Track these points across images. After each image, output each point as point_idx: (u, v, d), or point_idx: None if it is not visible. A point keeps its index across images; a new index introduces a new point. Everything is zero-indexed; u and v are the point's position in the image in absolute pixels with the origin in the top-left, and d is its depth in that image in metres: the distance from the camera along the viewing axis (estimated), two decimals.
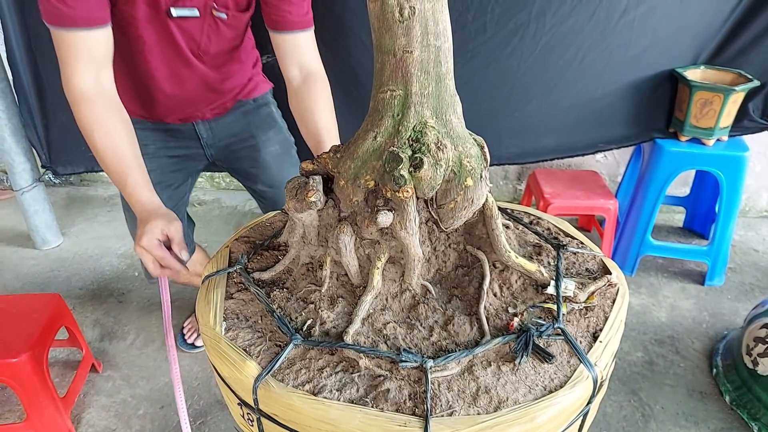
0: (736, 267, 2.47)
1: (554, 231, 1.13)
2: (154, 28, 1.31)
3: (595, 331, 0.89)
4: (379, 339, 0.86)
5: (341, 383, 0.78)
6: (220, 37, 1.38)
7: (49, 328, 1.66)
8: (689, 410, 1.77)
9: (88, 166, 2.39)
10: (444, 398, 0.76)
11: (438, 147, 0.81)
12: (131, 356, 1.96)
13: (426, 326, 0.88)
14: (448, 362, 0.80)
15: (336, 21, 1.92)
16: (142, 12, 1.27)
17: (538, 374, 0.80)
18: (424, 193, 0.84)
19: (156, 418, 1.74)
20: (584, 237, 1.14)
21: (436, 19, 0.77)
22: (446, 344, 0.85)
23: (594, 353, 0.84)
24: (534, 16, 1.89)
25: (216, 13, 1.32)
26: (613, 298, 0.96)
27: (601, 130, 2.20)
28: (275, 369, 0.80)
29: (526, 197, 2.60)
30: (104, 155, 1.20)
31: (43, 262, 2.47)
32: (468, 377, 0.79)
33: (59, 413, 1.63)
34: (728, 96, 1.97)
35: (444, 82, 0.82)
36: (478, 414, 0.74)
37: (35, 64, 2.14)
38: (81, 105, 1.20)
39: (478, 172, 0.85)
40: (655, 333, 2.08)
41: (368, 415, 0.74)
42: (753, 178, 2.73)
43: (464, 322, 0.88)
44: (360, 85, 1.99)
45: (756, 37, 2.02)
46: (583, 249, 1.06)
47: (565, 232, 1.13)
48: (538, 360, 0.82)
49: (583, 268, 1.03)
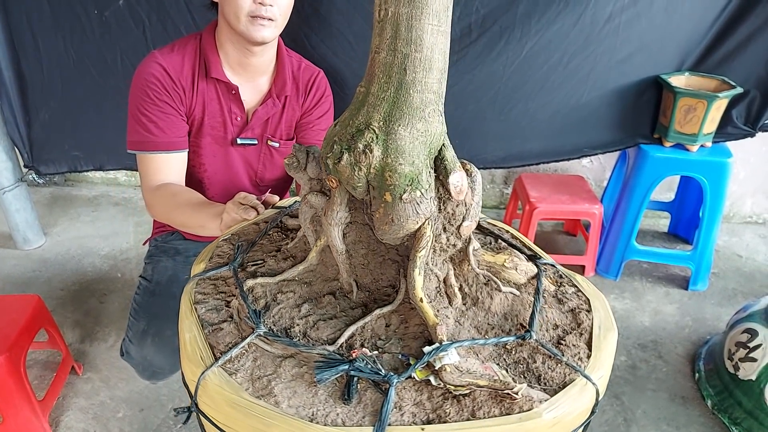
0: (720, 272, 2.48)
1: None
2: (217, 157, 1.53)
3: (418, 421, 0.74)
4: (286, 321, 0.89)
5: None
6: (273, 164, 1.60)
7: (28, 330, 1.64)
8: (671, 415, 1.78)
9: (71, 165, 2.36)
10: None
11: (364, 150, 0.79)
12: (111, 358, 1.93)
13: (315, 323, 0.88)
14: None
15: (322, 22, 1.91)
16: (207, 141, 1.50)
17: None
18: (349, 190, 0.85)
19: (135, 420, 1.72)
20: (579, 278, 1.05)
21: (409, 26, 0.75)
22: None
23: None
24: (519, 19, 1.89)
25: (270, 142, 1.56)
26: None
27: (586, 135, 2.21)
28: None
29: (513, 201, 2.61)
30: (178, 216, 1.36)
31: (24, 263, 2.44)
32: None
33: (36, 416, 1.61)
34: (712, 102, 1.98)
35: (407, 92, 0.78)
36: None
37: (17, 62, 2.11)
38: (154, 197, 1.42)
39: (399, 191, 0.80)
40: (638, 337, 2.09)
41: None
42: (737, 185, 2.75)
43: (332, 334, 0.85)
44: (346, 86, 1.99)
45: (740, 45, 2.04)
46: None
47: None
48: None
49: (541, 365, 0.85)
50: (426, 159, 0.82)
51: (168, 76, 1.39)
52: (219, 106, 1.47)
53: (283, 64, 1.50)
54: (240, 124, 1.51)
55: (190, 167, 1.53)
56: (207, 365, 0.80)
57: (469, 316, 0.90)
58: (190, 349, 0.84)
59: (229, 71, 1.45)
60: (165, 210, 1.39)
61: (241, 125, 1.51)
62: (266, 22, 1.31)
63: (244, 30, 1.32)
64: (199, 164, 1.54)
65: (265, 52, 1.44)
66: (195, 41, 1.44)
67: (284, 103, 1.54)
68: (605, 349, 0.87)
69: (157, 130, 1.39)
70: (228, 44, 1.41)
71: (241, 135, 1.52)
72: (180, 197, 1.37)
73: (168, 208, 1.38)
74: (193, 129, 1.49)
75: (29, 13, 2.00)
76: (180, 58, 1.41)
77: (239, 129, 1.52)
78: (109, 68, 2.07)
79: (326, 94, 1.60)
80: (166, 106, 1.40)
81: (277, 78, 1.50)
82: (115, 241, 2.60)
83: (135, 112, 1.40)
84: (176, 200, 1.36)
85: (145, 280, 1.59)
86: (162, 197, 1.39)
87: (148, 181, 1.43)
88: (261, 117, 1.51)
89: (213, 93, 1.46)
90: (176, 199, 1.37)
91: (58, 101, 2.19)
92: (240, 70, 1.46)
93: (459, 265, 0.92)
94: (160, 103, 1.39)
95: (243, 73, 1.47)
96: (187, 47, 1.43)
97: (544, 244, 2.12)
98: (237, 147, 1.54)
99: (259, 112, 1.50)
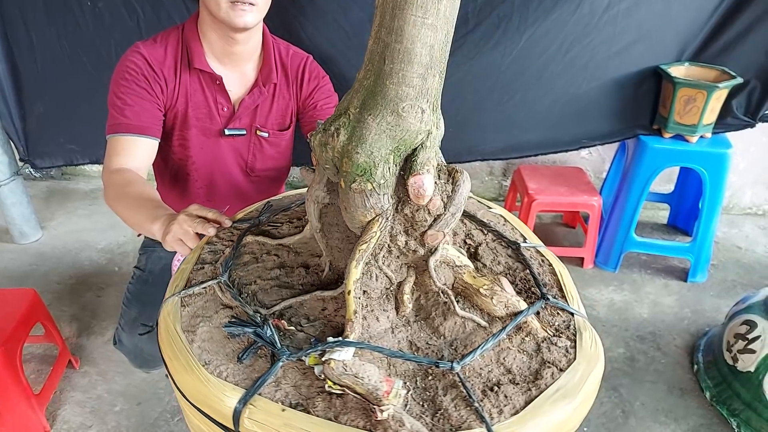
0: (719, 264, 2.48)
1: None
2: (205, 149, 1.51)
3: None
4: (250, 278, 0.92)
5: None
6: (263, 155, 1.58)
7: (24, 324, 1.63)
8: (669, 406, 1.78)
9: (67, 158, 2.35)
10: None
11: (333, 132, 0.79)
12: (108, 352, 1.93)
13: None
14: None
15: (318, 11, 1.90)
16: (193, 133, 1.48)
17: None
18: (324, 170, 0.85)
19: (132, 414, 1.71)
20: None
21: (393, 15, 0.73)
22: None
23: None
24: (517, 8, 1.88)
25: (259, 132, 1.53)
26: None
27: (585, 126, 2.20)
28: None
29: (511, 193, 2.60)
30: (121, 206, 1.26)
31: (21, 257, 2.43)
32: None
33: (33, 410, 1.60)
34: (712, 93, 1.97)
35: (383, 82, 0.76)
36: None
37: (11, 55, 2.10)
38: (107, 181, 1.33)
39: (349, 180, 0.79)
40: (636, 329, 2.08)
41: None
42: (736, 176, 2.74)
43: (275, 301, 0.89)
44: (342, 77, 1.97)
45: (740, 35, 2.02)
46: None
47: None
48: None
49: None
50: (389, 154, 0.78)
51: (149, 65, 1.36)
52: (203, 97, 1.45)
53: (269, 52, 1.48)
54: (227, 114, 1.49)
55: (177, 161, 1.52)
56: (174, 292, 0.90)
57: (410, 329, 0.85)
58: (178, 276, 0.94)
59: (213, 61, 1.43)
60: (113, 196, 1.28)
61: (228, 116, 1.49)
62: (247, 6, 1.29)
63: (225, 16, 1.30)
64: (186, 157, 1.52)
65: (249, 39, 1.42)
66: (177, 32, 1.43)
67: (273, 92, 1.51)
68: (541, 418, 0.72)
69: (131, 113, 1.35)
70: (211, 33, 1.39)
71: (228, 126, 1.49)
72: (132, 187, 1.26)
73: (116, 195, 1.27)
74: (177, 121, 1.46)
75: (22, 5, 1.99)
76: (162, 49, 1.40)
77: (226, 120, 1.49)
78: (103, 60, 2.06)
79: (322, 75, 1.57)
80: (142, 92, 1.37)
81: (263, 66, 1.48)
82: (112, 235, 2.59)
83: (112, 97, 1.37)
84: (126, 189, 1.26)
85: (139, 269, 1.59)
86: (115, 182, 1.29)
87: (110, 162, 1.34)
88: (248, 106, 1.49)
89: (197, 84, 1.44)
90: (127, 188, 1.26)
91: (52, 94, 2.18)
92: (224, 59, 1.44)
93: (421, 275, 0.88)
94: (137, 88, 1.36)
95: (228, 62, 1.45)
96: (169, 38, 1.42)
97: (542, 236, 2.11)
98: (226, 138, 1.51)
99: (246, 101, 1.48)
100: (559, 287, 0.95)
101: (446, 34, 0.76)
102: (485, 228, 1.07)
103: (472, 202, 1.18)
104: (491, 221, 1.10)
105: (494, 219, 1.12)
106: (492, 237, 1.05)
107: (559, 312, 0.89)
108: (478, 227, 1.07)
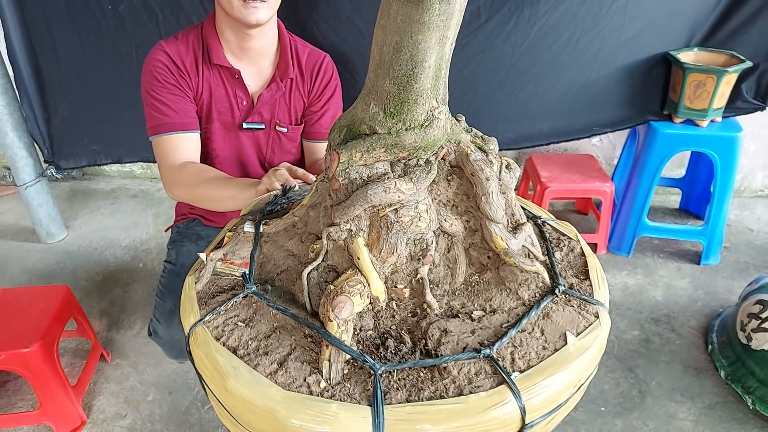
0: (731, 246, 2.50)
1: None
2: (227, 142, 1.59)
3: None
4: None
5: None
6: (282, 149, 1.65)
7: (59, 319, 1.70)
8: (685, 386, 1.82)
9: (90, 159, 2.41)
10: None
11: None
12: (138, 344, 2.00)
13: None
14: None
15: (331, 9, 1.93)
16: (216, 126, 1.55)
17: None
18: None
19: (164, 403, 1.78)
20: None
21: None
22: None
23: None
24: (528, 1, 1.91)
25: (278, 128, 1.60)
26: None
27: (596, 114, 2.22)
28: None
29: (524, 182, 2.63)
30: (206, 189, 1.39)
31: (49, 256, 2.50)
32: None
33: (71, 401, 1.67)
34: (721, 77, 1.99)
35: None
36: None
37: (35, 58, 2.16)
38: (178, 175, 1.45)
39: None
40: (651, 312, 2.12)
41: None
42: (747, 158, 2.76)
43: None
44: (357, 74, 2.01)
45: (748, 19, 2.04)
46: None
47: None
48: None
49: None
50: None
51: (172, 61, 1.45)
52: (224, 91, 1.52)
53: (286, 48, 1.54)
54: (246, 108, 1.55)
55: (203, 152, 1.57)
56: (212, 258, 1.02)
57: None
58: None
59: (230, 56, 1.50)
60: (192, 183, 1.42)
61: (246, 109, 1.56)
62: (258, 3, 1.34)
63: (238, 14, 1.36)
64: (210, 149, 1.59)
65: (263, 35, 1.47)
66: (197, 30, 1.50)
67: (290, 88, 1.57)
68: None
69: (171, 112, 1.45)
70: (227, 30, 1.46)
71: (247, 119, 1.56)
72: (208, 172, 1.42)
73: (195, 182, 1.41)
74: (202, 114, 1.54)
75: (45, 9, 2.04)
76: (184, 46, 1.47)
77: (245, 113, 1.56)
78: (124, 62, 2.11)
79: (333, 77, 1.63)
80: (174, 89, 1.46)
81: (280, 61, 1.54)
82: (134, 233, 2.66)
83: (147, 98, 1.46)
84: (204, 174, 1.41)
85: (170, 263, 1.64)
86: (188, 173, 1.43)
87: (169, 161, 1.46)
88: (266, 101, 1.55)
89: (218, 78, 1.51)
90: (204, 174, 1.41)
91: (75, 96, 2.24)
92: (241, 54, 1.50)
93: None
94: (168, 86, 1.45)
95: (244, 58, 1.51)
96: (189, 36, 1.49)
97: None
98: (245, 131, 1.58)
99: (264, 96, 1.54)
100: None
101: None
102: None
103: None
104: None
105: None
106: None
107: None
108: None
